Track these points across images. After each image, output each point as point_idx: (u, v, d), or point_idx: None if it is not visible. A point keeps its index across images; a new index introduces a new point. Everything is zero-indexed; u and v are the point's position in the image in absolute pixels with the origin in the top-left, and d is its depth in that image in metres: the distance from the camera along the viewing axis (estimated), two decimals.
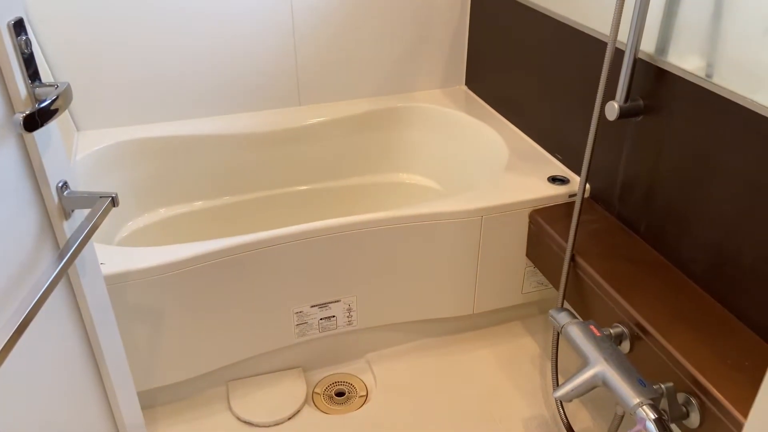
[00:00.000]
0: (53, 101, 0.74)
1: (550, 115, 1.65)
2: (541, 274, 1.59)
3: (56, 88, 0.76)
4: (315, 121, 1.93)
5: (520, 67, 1.75)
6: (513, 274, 1.58)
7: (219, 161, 1.89)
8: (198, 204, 1.92)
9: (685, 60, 1.17)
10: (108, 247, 1.32)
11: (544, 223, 1.46)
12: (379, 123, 2.02)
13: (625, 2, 1.27)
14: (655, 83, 1.25)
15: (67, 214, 0.85)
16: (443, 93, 2.08)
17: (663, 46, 1.22)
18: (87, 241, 0.79)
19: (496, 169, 1.70)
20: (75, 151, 1.69)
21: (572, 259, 1.35)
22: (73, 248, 0.75)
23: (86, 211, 0.84)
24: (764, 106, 1.02)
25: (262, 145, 1.91)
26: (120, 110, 1.81)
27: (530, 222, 1.51)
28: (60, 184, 0.83)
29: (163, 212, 1.88)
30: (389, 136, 2.04)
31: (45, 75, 1.64)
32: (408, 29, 1.96)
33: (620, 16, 1.23)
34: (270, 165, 1.96)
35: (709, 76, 1.12)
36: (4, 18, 0.72)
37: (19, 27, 0.74)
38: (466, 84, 2.11)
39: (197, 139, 1.84)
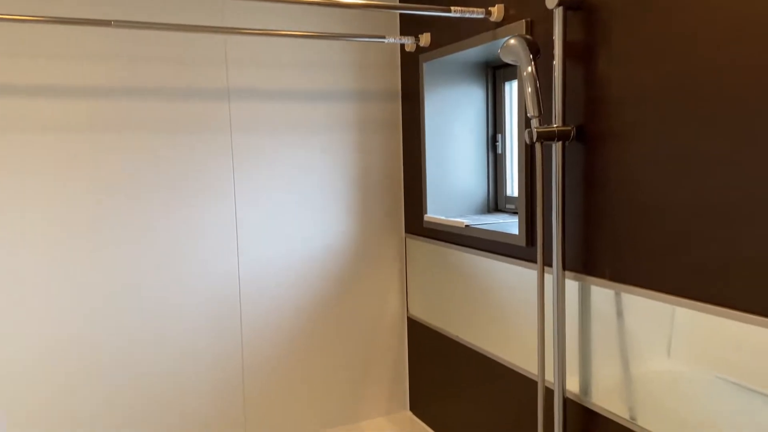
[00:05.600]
0: None
1: None
2: None
3: None
4: None
5: (461, 395, 1.86)
6: None
7: None
8: None
9: (607, 402, 1.30)
10: None
11: None
12: None
13: (547, 345, 1.45)
14: (588, 422, 1.36)
15: None
16: (388, 420, 2.12)
17: (586, 387, 1.36)
18: None
19: None
20: None
21: None
22: None
23: None
24: None
25: None
26: None
27: None
28: None
29: None
30: None
31: None
32: (352, 358, 2.08)
33: (543, 359, 1.39)
34: None
35: (633, 418, 1.24)
36: None
37: None
38: (411, 409, 2.18)
39: None
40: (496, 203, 1.98)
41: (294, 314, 1.99)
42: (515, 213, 1.89)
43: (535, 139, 1.28)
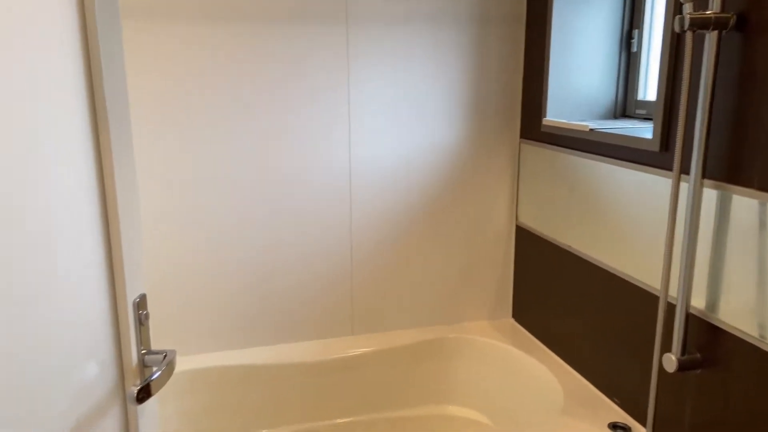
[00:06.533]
0: (162, 373, 0.80)
1: (604, 358, 1.66)
2: None
3: (164, 357, 0.84)
4: (365, 350, 1.98)
5: (568, 307, 1.82)
6: None
7: (267, 392, 1.91)
8: None
9: (736, 318, 1.21)
10: None
11: None
12: (428, 354, 2.05)
13: (673, 259, 1.36)
14: (710, 338, 1.28)
15: None
16: (491, 325, 2.13)
17: (713, 303, 1.27)
18: None
19: (552, 411, 1.67)
20: None
21: None
22: None
23: None
24: None
25: (309, 375, 1.94)
26: (175, 340, 1.89)
27: None
28: None
29: None
30: (438, 367, 2.06)
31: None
32: (457, 261, 2.08)
33: (669, 273, 1.31)
34: (315, 396, 1.96)
35: (762, 336, 1.15)
36: (130, 297, 0.82)
37: (141, 303, 0.84)
38: (513, 317, 2.17)
39: (247, 369, 1.88)
40: (624, 108, 1.84)
41: (402, 213, 2.00)
42: (646, 119, 1.75)
43: (686, 27, 1.14)
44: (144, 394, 0.77)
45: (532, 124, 1.94)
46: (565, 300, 1.83)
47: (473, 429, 2.00)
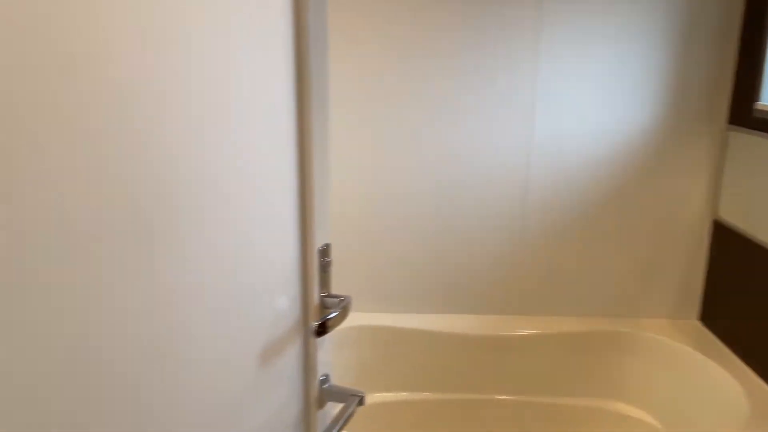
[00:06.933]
0: (338, 314, 0.90)
1: None
2: None
3: (340, 301, 0.93)
4: (532, 332, 1.96)
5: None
6: None
7: (430, 358, 1.99)
8: (402, 395, 2.01)
9: None
10: None
11: None
12: (598, 344, 1.97)
13: None
14: None
15: (321, 404, 0.98)
16: (672, 325, 1.99)
17: None
18: None
19: (734, 423, 1.52)
20: None
21: None
22: None
23: (336, 404, 0.96)
24: None
25: (473, 348, 1.98)
26: (360, 297, 2.05)
27: None
28: (322, 378, 0.97)
29: (374, 396, 1.99)
30: (608, 359, 1.97)
31: None
32: (638, 253, 1.97)
33: None
34: (477, 369, 1.99)
35: None
36: (316, 245, 0.92)
37: (325, 251, 0.94)
38: (701, 320, 1.99)
39: (416, 333, 1.98)
40: None
41: (582, 196, 1.93)
42: None
43: None
44: (321, 329, 0.88)
45: (744, 108, 1.74)
46: (766, 306, 1.64)
47: (641, 430, 1.89)
